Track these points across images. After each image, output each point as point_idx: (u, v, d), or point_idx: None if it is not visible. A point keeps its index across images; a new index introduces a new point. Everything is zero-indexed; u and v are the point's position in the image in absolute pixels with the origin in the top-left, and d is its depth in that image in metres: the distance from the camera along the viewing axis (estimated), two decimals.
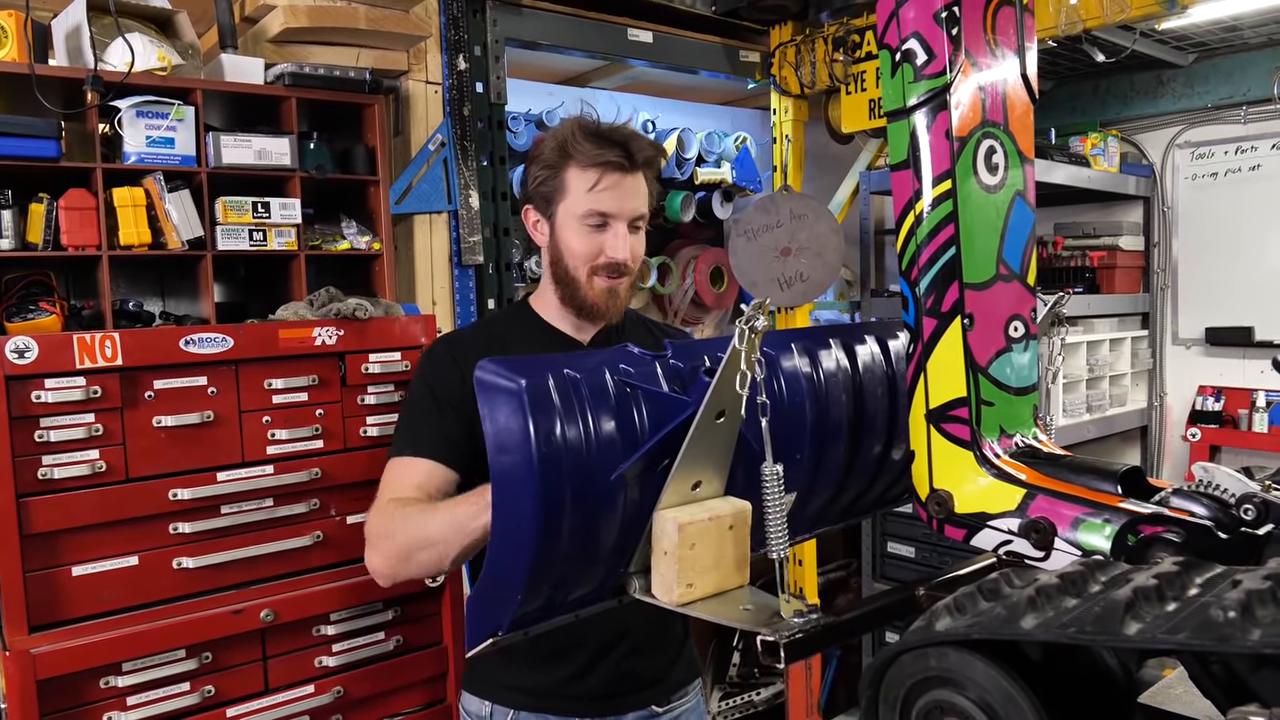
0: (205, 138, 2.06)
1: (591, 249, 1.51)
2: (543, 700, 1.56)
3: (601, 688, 1.56)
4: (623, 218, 1.50)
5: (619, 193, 1.49)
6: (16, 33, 1.89)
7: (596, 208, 1.49)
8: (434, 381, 1.54)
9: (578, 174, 1.50)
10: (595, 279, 1.53)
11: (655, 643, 1.61)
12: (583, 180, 1.49)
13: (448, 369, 1.54)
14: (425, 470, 1.45)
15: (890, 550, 3.37)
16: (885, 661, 0.77)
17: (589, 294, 1.53)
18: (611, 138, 1.50)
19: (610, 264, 1.51)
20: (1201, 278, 3.74)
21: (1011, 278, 1.07)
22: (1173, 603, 0.68)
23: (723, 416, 0.94)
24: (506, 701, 1.57)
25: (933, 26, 1.00)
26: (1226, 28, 3.19)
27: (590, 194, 1.49)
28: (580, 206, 1.50)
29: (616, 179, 1.49)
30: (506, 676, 1.57)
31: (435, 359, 1.58)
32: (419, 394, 1.55)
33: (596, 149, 1.48)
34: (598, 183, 1.49)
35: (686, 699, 1.69)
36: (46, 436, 1.64)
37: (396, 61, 2.43)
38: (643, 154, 1.50)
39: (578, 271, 1.53)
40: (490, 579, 0.97)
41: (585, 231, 1.51)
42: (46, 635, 1.64)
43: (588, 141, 1.49)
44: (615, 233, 1.50)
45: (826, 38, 2.97)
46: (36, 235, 1.90)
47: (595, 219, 1.50)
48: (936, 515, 1.05)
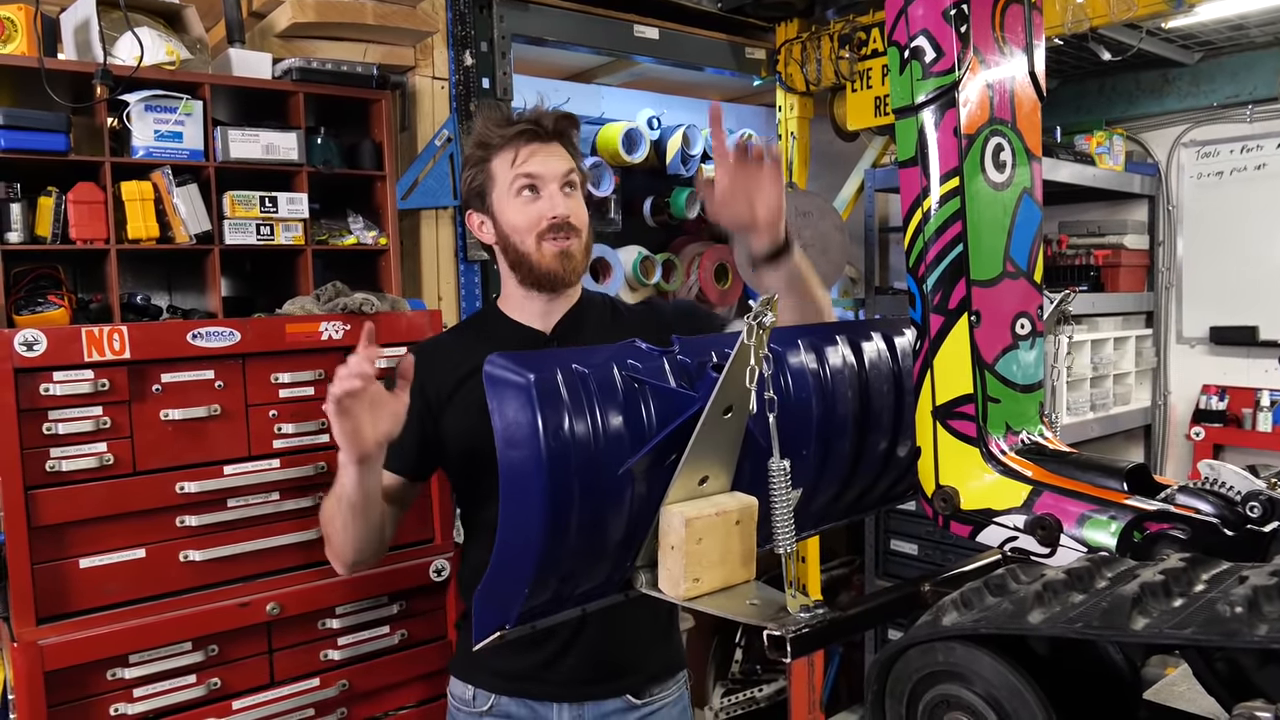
0: (213, 132, 2.07)
1: (531, 216, 1.54)
2: (521, 684, 1.58)
3: (577, 672, 1.57)
4: (551, 179, 1.54)
5: (540, 157, 1.55)
6: (26, 26, 1.90)
7: (523, 171, 1.54)
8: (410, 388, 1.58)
9: (500, 159, 1.56)
10: (544, 244, 1.55)
11: (635, 632, 1.62)
12: (505, 161, 1.55)
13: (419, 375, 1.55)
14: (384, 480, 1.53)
15: (893, 547, 3.37)
16: (892, 656, 0.78)
17: (542, 261, 1.56)
18: (520, 117, 1.57)
19: (552, 224, 1.54)
20: (1206, 277, 3.73)
21: (1018, 275, 1.07)
22: (1179, 598, 0.68)
23: (730, 412, 0.94)
24: (487, 685, 1.60)
25: (941, 24, 1.00)
26: (1233, 26, 3.19)
27: (514, 168, 1.55)
28: (509, 181, 1.55)
29: (534, 148, 1.55)
30: (487, 661, 1.59)
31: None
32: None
33: (508, 128, 1.55)
34: (518, 155, 1.54)
35: (668, 693, 1.69)
36: (55, 429, 1.65)
37: (403, 57, 2.43)
38: (553, 123, 1.56)
39: (525, 244, 1.56)
40: (498, 572, 0.97)
41: (521, 203, 1.55)
42: (54, 627, 1.65)
43: (499, 127, 1.56)
44: (549, 193, 1.55)
45: (832, 35, 2.97)
46: (45, 229, 1.91)
47: (524, 183, 1.54)
48: (942, 511, 1.05)
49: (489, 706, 1.60)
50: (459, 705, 1.65)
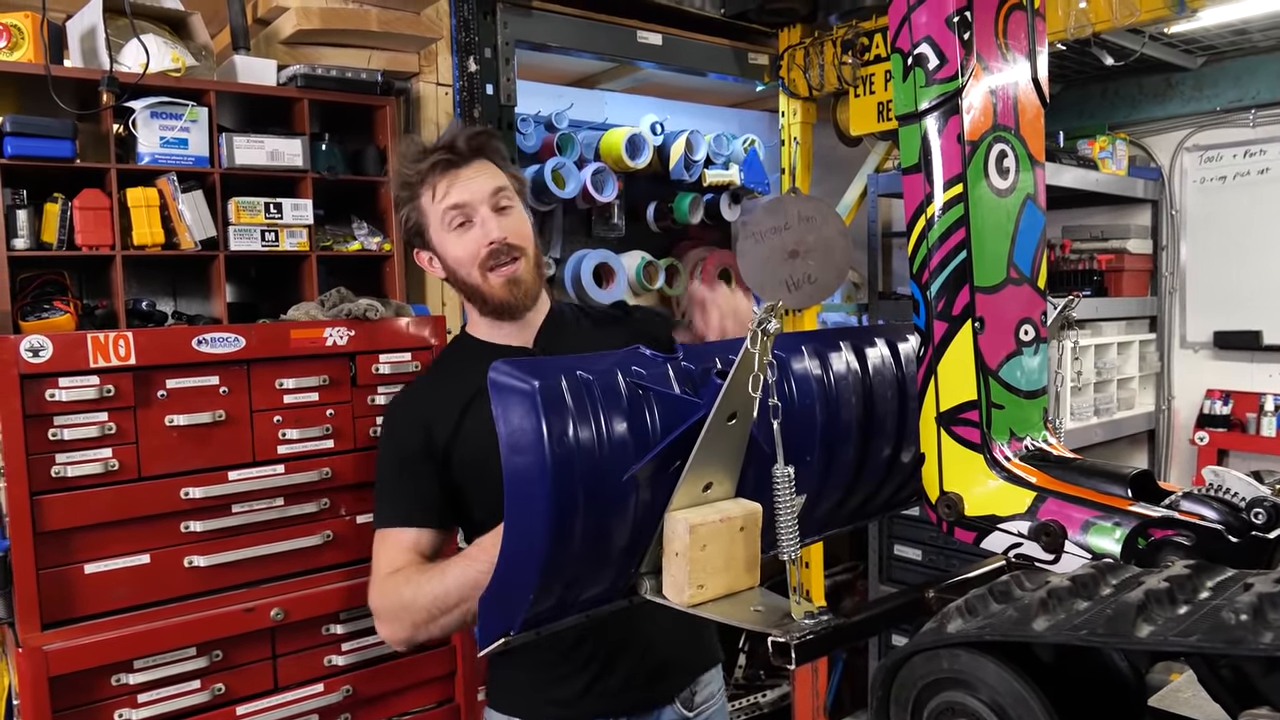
0: (218, 139, 2.08)
1: (469, 248, 1.51)
2: (569, 709, 1.55)
3: (627, 681, 1.55)
4: (479, 202, 1.51)
5: (461, 183, 1.51)
6: (32, 34, 1.91)
7: (447, 204, 1.51)
8: (397, 443, 1.57)
9: (425, 194, 1.53)
10: (490, 276, 1.52)
11: (673, 634, 1.60)
12: (429, 196, 1.52)
13: (407, 427, 1.56)
14: (412, 538, 1.50)
15: (897, 553, 3.37)
16: (897, 663, 0.78)
17: (492, 293, 1.53)
18: (433, 147, 1.53)
19: (492, 249, 1.50)
20: (1210, 281, 3.73)
21: (1022, 281, 1.07)
22: (1184, 605, 0.68)
23: (734, 418, 0.94)
24: (534, 715, 1.57)
25: (945, 31, 1.00)
26: (1236, 31, 3.19)
27: (436, 203, 1.52)
28: (437, 216, 1.52)
29: (452, 175, 1.51)
30: (532, 690, 1.57)
31: (393, 419, 1.61)
32: (386, 460, 1.58)
33: (422, 162, 1.52)
34: (437, 189, 1.51)
35: (712, 702, 1.68)
36: (60, 435, 1.65)
37: (407, 63, 2.44)
38: (466, 142, 1.52)
39: (472, 277, 1.53)
40: (503, 579, 0.97)
41: (456, 235, 1.52)
42: (59, 632, 1.65)
43: (414, 162, 1.53)
44: (480, 220, 1.51)
45: (835, 40, 2.97)
46: (51, 235, 1.91)
47: (455, 216, 1.51)
48: (946, 518, 1.05)
49: None
50: None
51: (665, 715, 1.60)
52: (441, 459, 1.53)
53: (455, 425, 1.53)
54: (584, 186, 2.99)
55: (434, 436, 1.54)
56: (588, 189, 3.00)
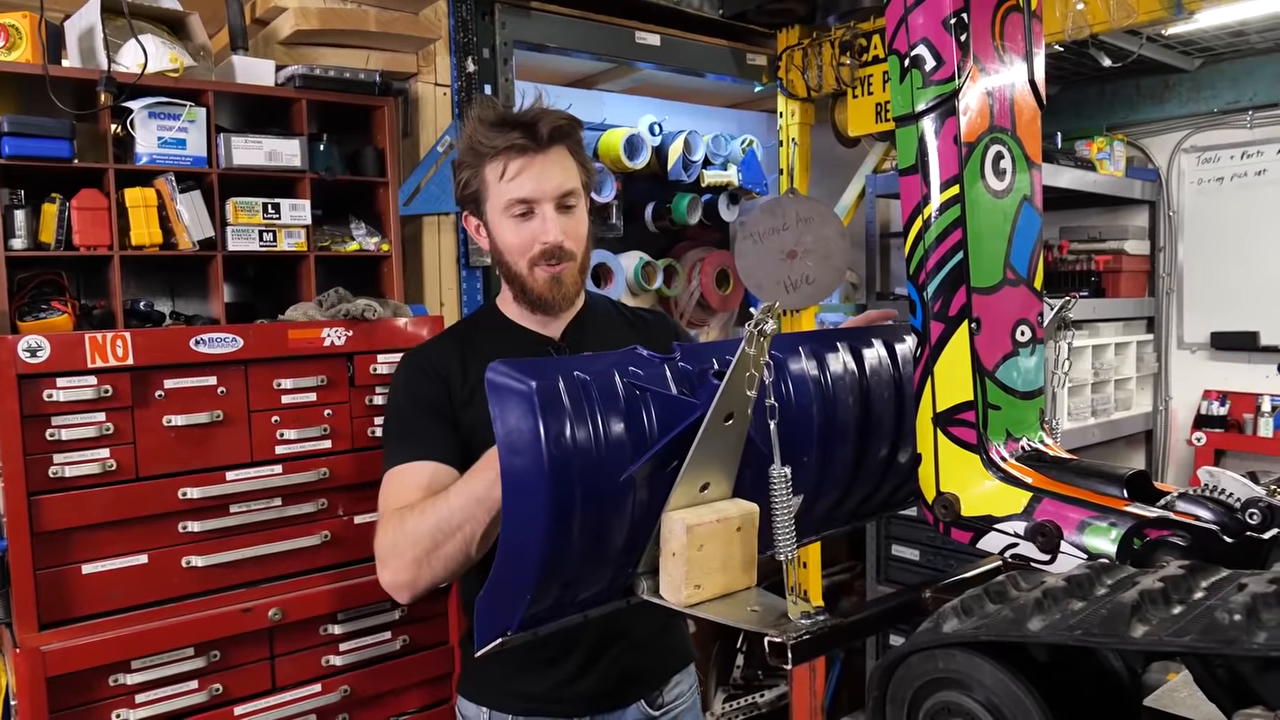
0: (216, 139, 2.08)
1: (524, 239, 1.47)
2: (541, 704, 1.55)
3: (598, 686, 1.56)
4: (545, 199, 1.46)
5: (532, 174, 1.45)
6: (30, 34, 1.91)
7: (514, 195, 1.45)
8: (418, 392, 1.52)
9: (491, 168, 1.46)
10: (536, 270, 1.49)
11: (649, 637, 1.60)
12: (495, 172, 1.46)
13: (428, 378, 1.52)
14: (430, 471, 1.41)
15: (894, 553, 3.37)
16: (893, 663, 0.78)
17: (534, 286, 1.50)
18: (514, 121, 1.45)
19: (544, 250, 1.47)
20: (1207, 282, 3.73)
21: (1019, 282, 1.07)
22: (1178, 606, 0.68)
23: (731, 419, 0.94)
24: (504, 706, 1.57)
25: (941, 33, 1.01)
26: (1233, 32, 3.19)
27: (505, 183, 1.45)
28: (501, 199, 1.47)
29: (525, 161, 1.44)
30: (503, 682, 1.57)
31: (413, 371, 1.56)
32: (405, 404, 1.52)
33: (499, 137, 1.44)
34: (506, 170, 1.45)
35: (682, 700, 1.68)
36: (58, 435, 1.65)
37: (406, 64, 2.44)
38: (549, 128, 1.44)
39: (518, 265, 1.50)
40: (500, 578, 0.97)
41: (514, 223, 1.48)
42: (56, 632, 1.65)
43: (490, 132, 1.45)
44: (543, 216, 1.46)
45: (833, 41, 2.97)
46: (49, 235, 1.91)
47: (518, 207, 1.46)
48: (943, 518, 1.05)
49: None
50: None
51: (629, 714, 1.61)
52: (453, 420, 1.49)
53: (470, 394, 1.50)
54: None
55: (450, 395, 1.50)
56: None
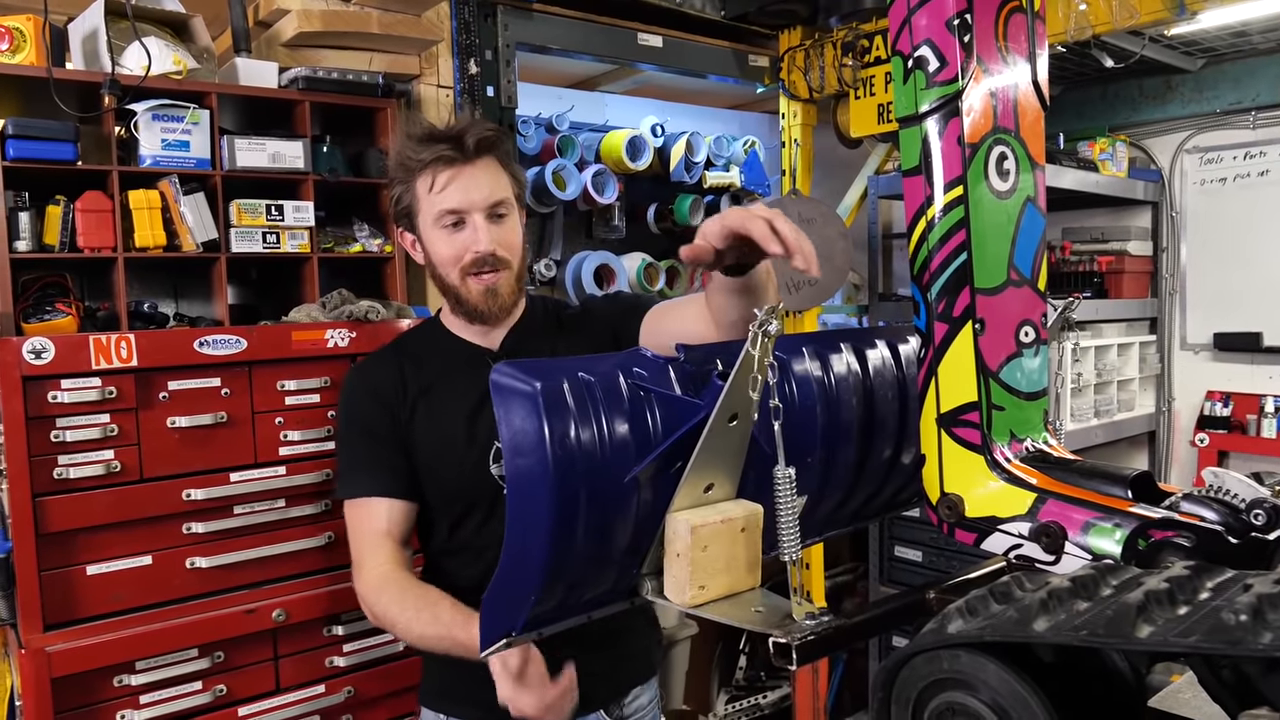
0: (220, 141, 2.08)
1: (456, 250, 1.48)
2: (499, 713, 1.54)
3: None
4: (474, 209, 1.46)
5: (461, 185, 1.46)
6: (34, 36, 1.91)
7: (444, 206, 1.46)
8: (362, 414, 1.54)
9: (421, 181, 1.47)
10: (469, 280, 1.49)
11: (610, 644, 1.59)
12: (425, 185, 1.47)
13: (370, 403, 1.54)
14: (385, 510, 1.49)
15: (897, 554, 3.37)
16: (897, 663, 0.78)
17: (468, 297, 1.50)
18: (441, 135, 1.46)
19: (476, 259, 1.47)
20: (1210, 283, 3.73)
21: (1022, 283, 1.07)
22: (1184, 606, 0.68)
23: (735, 419, 0.94)
24: (464, 715, 1.57)
25: (945, 33, 1.01)
26: (1235, 33, 3.19)
27: (434, 195, 1.46)
28: (432, 211, 1.48)
29: (453, 173, 1.45)
30: (463, 690, 1.56)
31: (357, 395, 1.57)
32: (351, 429, 1.56)
33: (426, 150, 1.45)
34: (435, 182, 1.46)
35: (642, 712, 1.67)
36: (62, 436, 1.65)
37: (409, 65, 2.44)
38: (475, 140, 1.45)
39: (451, 277, 1.50)
40: (505, 580, 0.97)
41: (445, 234, 1.48)
42: (61, 633, 1.66)
43: (418, 146, 1.46)
44: (473, 226, 1.47)
45: (835, 42, 2.97)
46: (53, 237, 1.92)
47: (448, 218, 1.47)
48: (947, 519, 1.05)
49: None
50: None
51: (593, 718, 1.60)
52: (399, 440, 1.52)
53: (411, 412, 1.53)
54: (584, 188, 2.99)
55: (394, 415, 1.53)
56: (588, 191, 3.00)
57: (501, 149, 1.51)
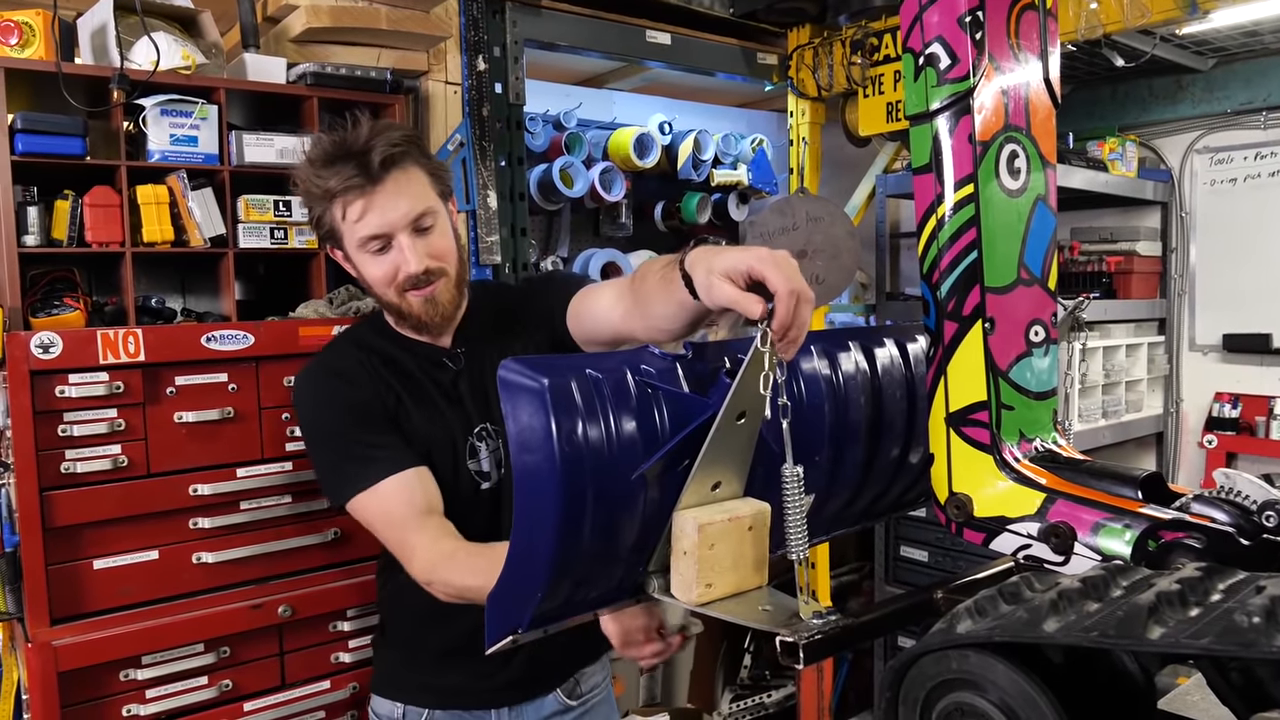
0: (228, 136, 2.08)
1: (386, 271, 1.43)
2: (457, 697, 1.56)
3: (514, 676, 1.56)
4: (396, 229, 1.40)
5: (376, 210, 1.38)
6: (44, 31, 1.92)
7: (364, 234, 1.40)
8: (344, 404, 1.47)
9: (336, 208, 1.41)
10: (408, 295, 1.45)
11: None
12: (339, 213, 1.41)
13: (351, 391, 1.47)
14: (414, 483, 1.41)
15: (903, 554, 3.36)
16: (906, 663, 0.78)
17: (410, 311, 1.47)
18: (345, 154, 1.38)
19: (407, 278, 1.43)
20: (1219, 284, 3.71)
21: (1033, 282, 1.07)
22: (1196, 608, 0.68)
23: (743, 417, 0.94)
24: (419, 701, 1.57)
25: (956, 31, 1.00)
26: (1247, 33, 3.17)
27: (351, 225, 1.40)
28: (354, 238, 1.42)
29: (366, 199, 1.38)
30: (415, 677, 1.57)
31: (326, 388, 1.50)
32: (337, 423, 1.46)
33: (332, 176, 1.37)
34: (348, 212, 1.39)
35: (597, 691, 1.69)
36: (70, 431, 1.66)
37: (416, 62, 2.44)
38: (382, 157, 1.37)
39: (388, 296, 1.46)
40: (511, 576, 0.97)
41: (373, 259, 1.43)
42: (68, 628, 1.66)
43: (323, 172, 1.38)
44: (399, 247, 1.41)
45: (844, 40, 2.96)
46: (61, 232, 1.92)
47: (373, 244, 1.41)
48: (955, 519, 1.05)
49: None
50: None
51: (547, 704, 1.62)
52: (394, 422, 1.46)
53: (396, 402, 1.49)
54: (592, 185, 2.99)
55: (383, 402, 1.47)
56: (595, 188, 3.00)
57: (413, 156, 1.42)
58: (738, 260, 0.96)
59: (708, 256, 1.01)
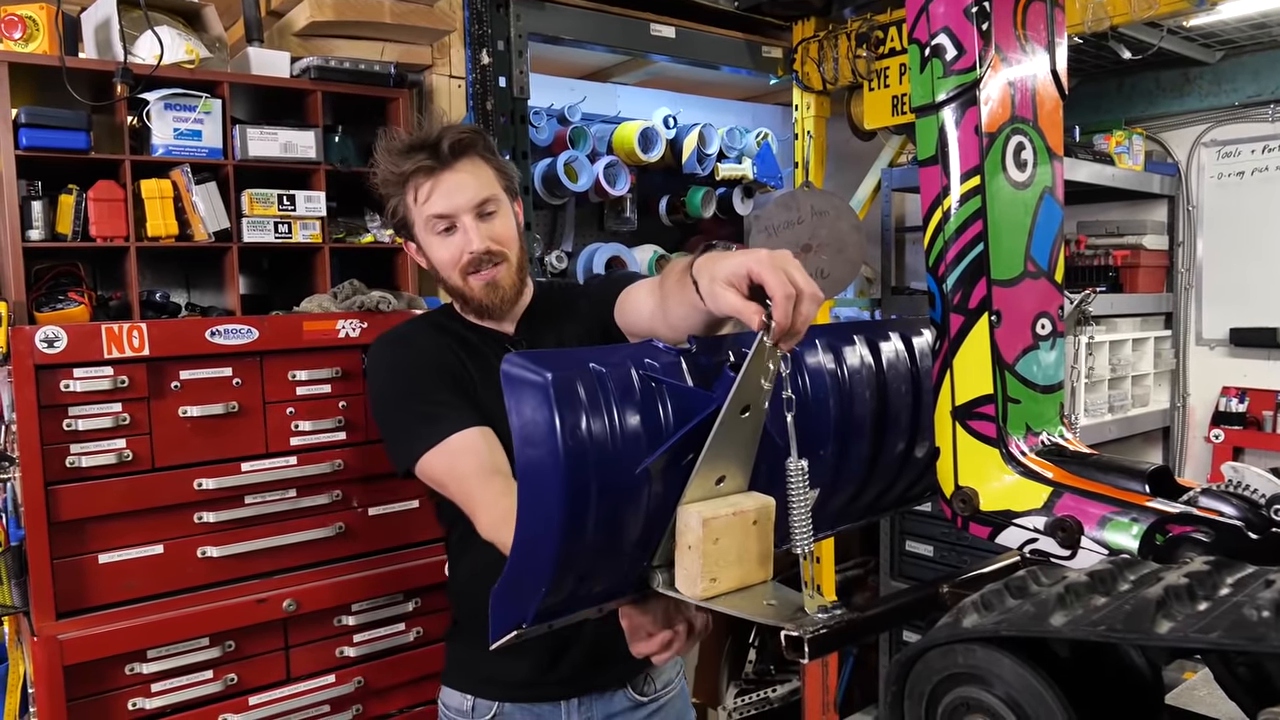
0: (232, 130, 2.08)
1: (452, 253, 1.52)
2: (526, 690, 1.56)
3: (580, 666, 1.56)
4: (461, 211, 1.50)
5: (443, 190, 1.49)
6: (47, 25, 1.91)
7: (431, 212, 1.50)
8: (423, 365, 1.52)
9: (409, 194, 1.52)
10: (470, 279, 1.53)
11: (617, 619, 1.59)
12: (412, 196, 1.51)
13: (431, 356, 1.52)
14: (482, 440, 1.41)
15: (909, 548, 3.35)
16: (911, 657, 0.77)
17: (473, 295, 1.54)
18: (418, 145, 1.50)
19: (472, 259, 1.51)
20: (1226, 278, 3.69)
21: (1039, 275, 1.06)
22: (1204, 602, 0.67)
23: (748, 411, 0.94)
24: (489, 694, 1.58)
25: (963, 21, 0.99)
26: (1255, 25, 3.15)
27: (421, 205, 1.51)
28: (422, 219, 1.52)
29: (435, 180, 1.49)
30: (485, 669, 1.57)
31: (407, 352, 1.55)
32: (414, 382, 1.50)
33: (405, 162, 1.49)
34: (419, 192, 1.50)
35: (671, 689, 1.68)
36: (74, 425, 1.66)
37: (421, 55, 2.44)
38: (451, 143, 1.48)
39: (453, 279, 1.54)
40: (516, 571, 0.97)
41: (439, 240, 1.52)
42: (73, 621, 1.67)
43: (398, 159, 1.50)
44: (464, 228, 1.50)
45: (849, 33, 2.95)
46: (66, 226, 1.92)
47: (439, 224, 1.51)
48: (961, 513, 1.04)
49: (491, 716, 1.58)
50: (455, 716, 1.61)
51: (617, 700, 1.61)
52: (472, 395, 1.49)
53: (473, 380, 1.52)
54: (596, 180, 2.98)
55: (462, 374, 1.51)
56: (600, 182, 2.99)
57: (479, 146, 1.53)
58: (737, 265, 0.98)
59: (711, 264, 1.04)
